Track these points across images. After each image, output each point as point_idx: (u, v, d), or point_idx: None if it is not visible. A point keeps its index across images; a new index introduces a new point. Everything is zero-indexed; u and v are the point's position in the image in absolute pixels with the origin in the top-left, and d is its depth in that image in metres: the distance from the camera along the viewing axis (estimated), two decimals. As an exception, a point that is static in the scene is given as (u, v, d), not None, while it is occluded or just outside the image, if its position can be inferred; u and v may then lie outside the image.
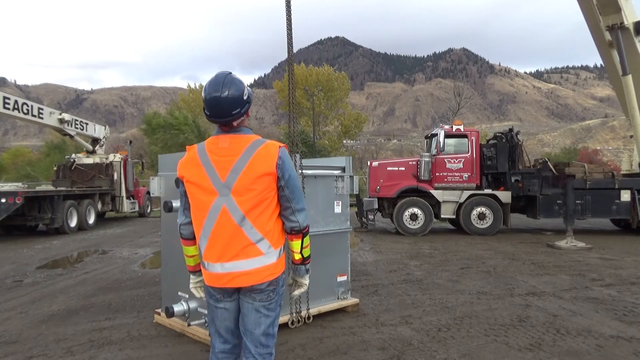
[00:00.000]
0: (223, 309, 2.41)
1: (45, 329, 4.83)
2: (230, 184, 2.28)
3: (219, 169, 2.30)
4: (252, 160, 2.28)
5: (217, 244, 2.31)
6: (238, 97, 2.29)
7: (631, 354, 4.02)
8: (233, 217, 2.28)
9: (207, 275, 2.39)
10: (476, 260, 8.74)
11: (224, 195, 2.29)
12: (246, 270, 2.30)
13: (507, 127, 14.59)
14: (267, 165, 2.29)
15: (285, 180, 2.34)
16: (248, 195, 2.28)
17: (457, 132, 12.73)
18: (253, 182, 2.27)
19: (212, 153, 2.34)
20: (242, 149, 2.31)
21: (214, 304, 2.43)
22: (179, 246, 2.57)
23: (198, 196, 2.36)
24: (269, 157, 2.31)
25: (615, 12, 12.33)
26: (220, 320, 2.43)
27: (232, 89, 2.27)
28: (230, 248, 2.30)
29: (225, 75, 2.31)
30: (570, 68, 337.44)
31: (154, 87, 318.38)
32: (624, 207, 12.30)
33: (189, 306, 4.45)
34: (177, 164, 2.48)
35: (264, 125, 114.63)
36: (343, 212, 5.39)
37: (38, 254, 9.88)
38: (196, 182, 2.35)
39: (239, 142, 2.33)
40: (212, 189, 2.31)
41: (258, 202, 2.29)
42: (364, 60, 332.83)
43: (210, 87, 2.27)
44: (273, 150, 2.33)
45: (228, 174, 2.29)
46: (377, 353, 4.06)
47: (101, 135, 18.82)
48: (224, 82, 2.28)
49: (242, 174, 2.27)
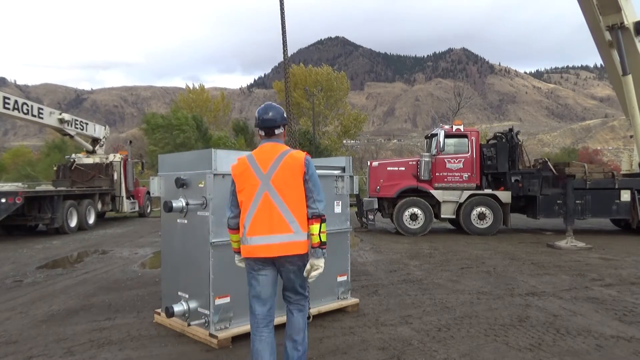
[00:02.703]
0: (264, 276, 3.11)
1: (45, 329, 4.83)
2: (270, 174, 3.08)
3: (262, 164, 3.12)
4: (285, 159, 3.11)
5: (259, 220, 3.05)
6: (278, 117, 3.23)
7: (631, 354, 4.02)
8: (273, 201, 3.06)
9: (248, 248, 3.08)
10: (476, 260, 8.74)
11: (265, 184, 3.08)
12: (279, 243, 3.03)
13: (507, 127, 14.58)
14: (297, 164, 3.11)
15: (309, 175, 3.14)
16: (284, 186, 3.07)
17: (457, 132, 12.73)
18: (287, 174, 3.08)
19: (257, 155, 3.19)
20: (279, 152, 3.16)
21: (256, 273, 3.11)
22: (179, 246, 2.66)
23: (246, 186, 3.12)
24: (298, 159, 3.14)
25: (615, 12, 12.33)
26: (260, 285, 3.11)
27: (274, 112, 3.22)
28: (270, 224, 3.03)
29: (271, 103, 3.33)
30: (570, 68, 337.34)
31: (154, 87, 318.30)
32: (624, 207, 12.30)
33: (189, 306, 4.46)
34: (230, 168, 3.33)
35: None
36: (343, 212, 5.39)
37: (38, 254, 9.89)
38: (244, 176, 3.15)
39: (276, 148, 3.19)
40: (256, 180, 3.10)
41: (291, 191, 3.08)
42: (364, 60, 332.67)
43: (262, 110, 3.26)
44: (301, 155, 3.18)
45: (268, 168, 3.10)
46: (377, 353, 4.06)
47: (101, 135, 18.82)
48: (270, 107, 3.27)
49: (279, 168, 3.08)
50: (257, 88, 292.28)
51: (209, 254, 4.25)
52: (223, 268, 4.33)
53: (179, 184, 4.50)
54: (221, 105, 51.33)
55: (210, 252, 4.25)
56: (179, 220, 4.64)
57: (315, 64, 58.72)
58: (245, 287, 3.25)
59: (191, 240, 4.52)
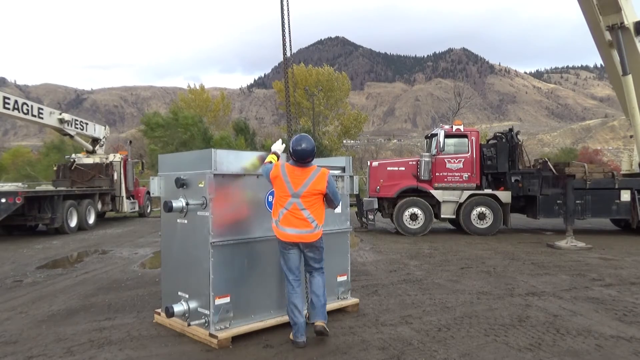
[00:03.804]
0: (292, 254, 4.32)
1: (45, 329, 4.83)
2: (300, 192, 4.22)
3: (294, 184, 4.23)
4: (314, 181, 4.25)
5: (288, 218, 4.22)
6: (309, 148, 4.28)
7: (631, 354, 4.02)
8: (299, 208, 4.22)
9: (282, 234, 4.25)
10: (476, 260, 8.74)
11: (295, 198, 4.22)
12: (303, 234, 4.24)
13: (507, 127, 14.58)
14: (321, 183, 4.29)
15: (329, 189, 4.34)
16: (308, 198, 4.24)
17: (457, 132, 12.73)
18: (312, 192, 4.25)
19: (289, 174, 4.25)
20: (308, 175, 4.27)
21: (287, 252, 4.32)
22: (179, 246, 2.66)
23: (280, 192, 4.27)
24: (323, 179, 4.30)
25: (616, 12, 12.32)
26: (291, 261, 4.34)
27: (306, 143, 4.27)
28: (296, 222, 4.22)
29: (304, 135, 4.36)
30: (570, 68, 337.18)
31: (154, 87, 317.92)
32: (624, 207, 12.29)
33: (189, 306, 4.46)
34: (274, 166, 4.37)
35: (264, 125, 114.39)
36: (343, 212, 5.39)
37: (38, 254, 9.89)
38: (279, 181, 4.26)
39: (306, 172, 4.29)
40: (287, 193, 4.23)
41: (313, 201, 4.27)
42: (364, 60, 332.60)
43: (296, 142, 4.26)
44: (324, 175, 4.33)
45: (299, 188, 4.22)
46: (377, 353, 4.06)
47: (101, 135, 18.81)
48: (303, 139, 4.28)
49: (308, 187, 4.23)
50: (257, 88, 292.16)
51: (209, 254, 4.25)
52: (223, 268, 4.33)
53: (179, 184, 4.50)
54: (221, 105, 51.31)
55: (210, 252, 4.25)
56: (179, 220, 4.64)
57: (316, 64, 58.69)
58: (245, 287, 4.40)
59: (191, 240, 4.52)
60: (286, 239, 4.26)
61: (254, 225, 4.62)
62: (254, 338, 4.40)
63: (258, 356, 4.04)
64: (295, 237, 4.24)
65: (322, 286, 4.45)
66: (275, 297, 4.69)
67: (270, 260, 4.68)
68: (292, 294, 4.32)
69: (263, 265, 4.66)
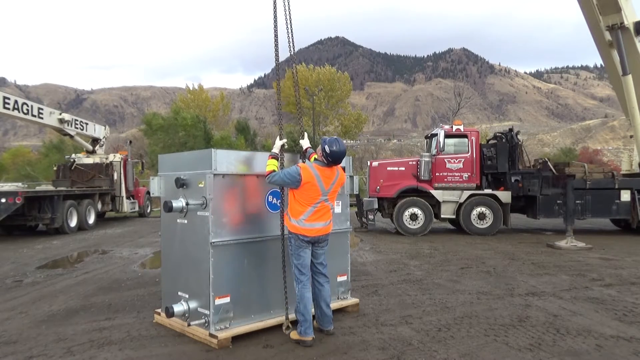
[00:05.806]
0: (308, 252, 4.47)
1: (45, 329, 4.83)
2: (329, 190, 4.43)
3: (325, 183, 4.38)
4: (338, 180, 4.51)
5: (316, 214, 4.39)
6: (345, 151, 4.46)
7: (631, 354, 4.02)
8: (327, 204, 4.46)
9: (310, 230, 4.37)
10: (476, 260, 8.74)
11: (324, 196, 4.41)
12: (327, 225, 4.50)
13: (507, 127, 14.58)
14: (343, 181, 4.66)
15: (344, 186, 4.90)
16: (334, 195, 4.55)
17: (457, 132, 12.73)
18: (336, 189, 4.54)
19: (321, 174, 4.36)
20: (335, 174, 4.48)
21: (304, 250, 4.43)
22: (179, 246, 2.64)
23: (312, 194, 4.35)
24: (343, 178, 4.69)
25: (615, 12, 12.32)
26: (307, 259, 4.47)
27: (342, 146, 4.41)
28: (324, 216, 4.46)
29: (338, 139, 4.47)
30: (570, 68, 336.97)
31: (154, 87, 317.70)
32: (624, 207, 12.30)
33: (189, 306, 4.46)
34: (302, 170, 4.31)
35: (264, 125, 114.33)
36: (343, 212, 5.40)
37: (38, 254, 9.89)
38: (309, 185, 4.32)
39: (333, 171, 4.47)
40: (319, 193, 4.37)
41: (334, 196, 4.58)
42: (364, 60, 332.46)
43: (332, 144, 4.34)
44: (344, 174, 4.70)
45: (329, 186, 4.42)
46: (377, 353, 4.06)
47: (101, 135, 18.82)
48: (336, 142, 4.39)
49: (334, 186, 4.48)
50: (257, 88, 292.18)
51: (209, 254, 4.25)
52: (223, 268, 4.33)
53: (179, 184, 4.50)
54: (220, 105, 51.29)
55: (210, 252, 4.25)
56: (179, 220, 4.64)
57: (316, 64, 58.57)
58: (245, 287, 4.46)
59: (191, 240, 4.52)
60: (314, 234, 4.39)
61: (254, 225, 4.62)
62: (254, 338, 4.40)
63: (258, 356, 4.05)
64: (323, 229, 4.45)
65: (330, 296, 4.67)
66: (275, 297, 4.68)
67: (270, 260, 4.68)
68: (306, 290, 4.42)
69: (263, 265, 4.66)
